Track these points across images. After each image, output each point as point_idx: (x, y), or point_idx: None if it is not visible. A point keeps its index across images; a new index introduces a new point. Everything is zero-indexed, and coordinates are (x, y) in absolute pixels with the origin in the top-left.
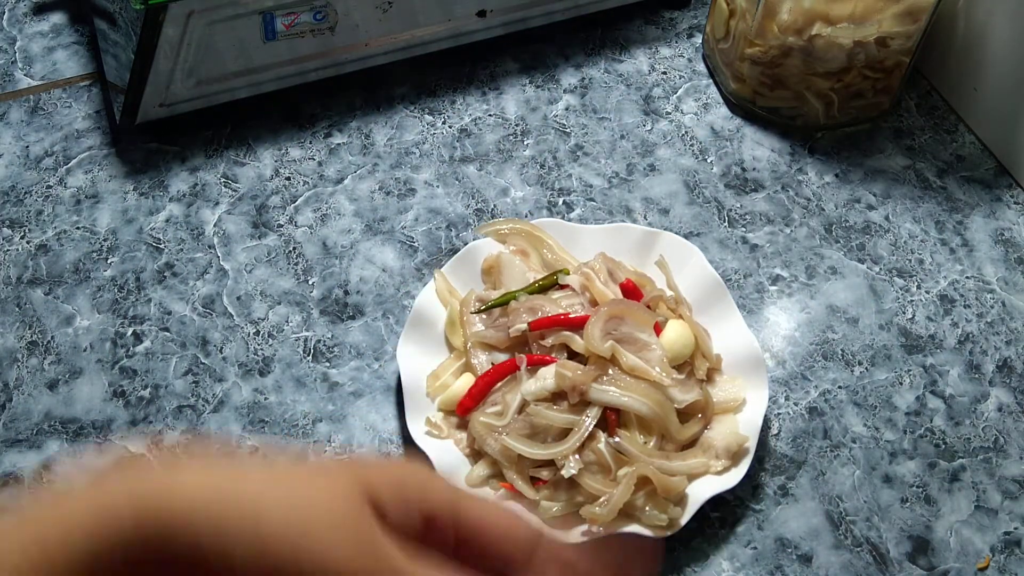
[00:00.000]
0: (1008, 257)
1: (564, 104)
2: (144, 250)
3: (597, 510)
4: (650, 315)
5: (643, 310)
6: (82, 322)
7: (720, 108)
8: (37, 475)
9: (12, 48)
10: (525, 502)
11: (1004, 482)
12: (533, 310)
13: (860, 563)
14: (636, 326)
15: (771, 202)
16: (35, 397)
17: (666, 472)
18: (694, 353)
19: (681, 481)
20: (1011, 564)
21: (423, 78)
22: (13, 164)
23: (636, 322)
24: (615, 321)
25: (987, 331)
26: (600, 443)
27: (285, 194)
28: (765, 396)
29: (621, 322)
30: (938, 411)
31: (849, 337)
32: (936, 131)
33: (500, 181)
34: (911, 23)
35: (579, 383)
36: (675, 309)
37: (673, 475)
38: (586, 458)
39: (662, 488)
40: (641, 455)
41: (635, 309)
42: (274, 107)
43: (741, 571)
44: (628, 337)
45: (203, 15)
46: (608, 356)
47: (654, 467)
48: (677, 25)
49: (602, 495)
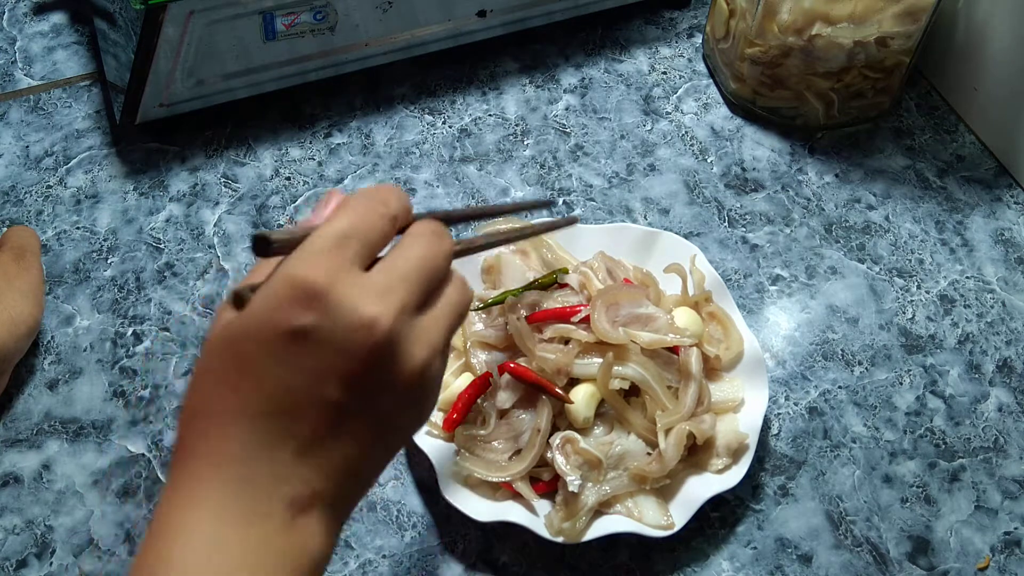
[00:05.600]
0: (1008, 257)
1: (564, 104)
2: (144, 250)
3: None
4: (638, 289)
5: (629, 287)
6: (82, 322)
7: (720, 108)
8: (37, 475)
9: (12, 48)
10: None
11: (1004, 482)
12: (532, 306)
13: (860, 563)
14: (633, 303)
15: (771, 202)
16: (35, 397)
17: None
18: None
19: (711, 427)
20: (1011, 564)
21: (423, 78)
22: (13, 164)
23: (631, 300)
24: (614, 308)
25: (987, 331)
26: (580, 443)
27: (285, 194)
28: (765, 396)
29: (619, 307)
30: (938, 411)
31: (849, 337)
32: (936, 131)
33: (500, 181)
34: (911, 23)
35: (562, 365)
36: (701, 305)
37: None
38: (574, 462)
39: (698, 432)
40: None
41: (623, 290)
42: (274, 107)
43: (741, 571)
44: (631, 317)
45: (203, 15)
46: (626, 342)
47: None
48: (677, 25)
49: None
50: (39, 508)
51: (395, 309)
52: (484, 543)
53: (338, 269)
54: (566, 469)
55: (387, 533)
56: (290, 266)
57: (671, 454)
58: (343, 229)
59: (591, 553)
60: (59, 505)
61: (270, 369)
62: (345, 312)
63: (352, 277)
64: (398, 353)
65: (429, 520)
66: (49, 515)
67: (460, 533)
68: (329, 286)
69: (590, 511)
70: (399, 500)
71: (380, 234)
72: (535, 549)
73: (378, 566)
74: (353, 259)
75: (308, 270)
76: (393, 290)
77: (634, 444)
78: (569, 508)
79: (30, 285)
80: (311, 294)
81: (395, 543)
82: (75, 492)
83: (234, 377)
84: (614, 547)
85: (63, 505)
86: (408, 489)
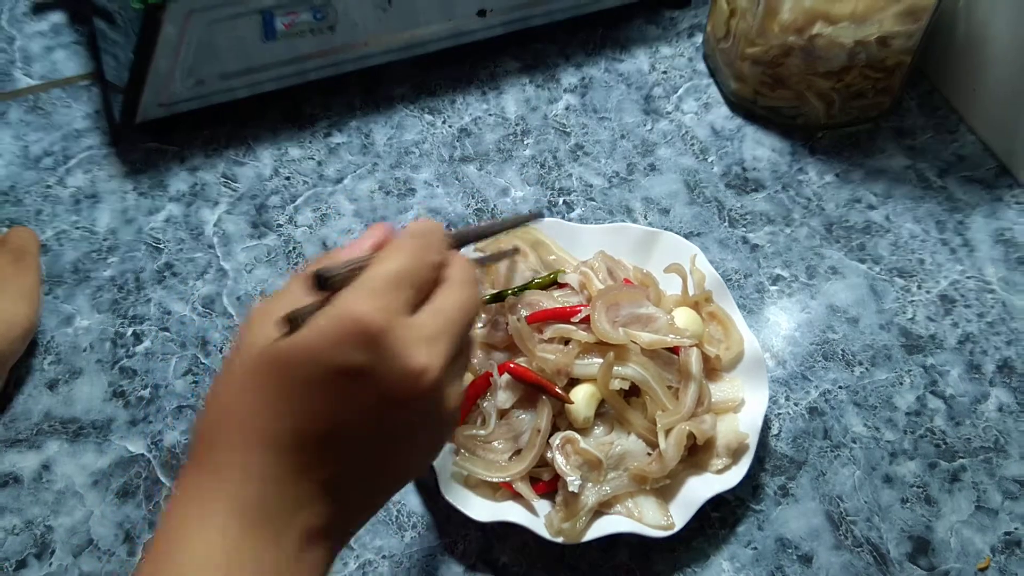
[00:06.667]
0: (1009, 257)
1: (564, 104)
2: (144, 250)
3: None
4: (638, 289)
5: (629, 288)
6: (82, 322)
7: (721, 108)
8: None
9: (11, 47)
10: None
11: (1004, 482)
12: (531, 305)
13: (860, 563)
14: (633, 304)
15: (772, 202)
16: (35, 397)
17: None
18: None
19: (711, 428)
20: (1012, 565)
21: (423, 78)
22: (12, 164)
23: (631, 300)
24: (614, 309)
25: (987, 331)
26: (580, 443)
27: (285, 194)
28: (765, 396)
29: (619, 307)
30: (938, 411)
31: (849, 337)
32: (937, 131)
33: (500, 181)
34: (912, 22)
35: (563, 365)
36: (701, 305)
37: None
38: (574, 462)
39: (698, 432)
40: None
41: (623, 290)
42: (274, 107)
43: (741, 571)
44: (631, 317)
45: (203, 14)
46: (626, 343)
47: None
48: (678, 24)
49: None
50: (39, 508)
51: (442, 360)
52: (484, 543)
53: (395, 312)
54: (566, 469)
55: (387, 533)
56: (350, 302)
57: (671, 454)
58: (398, 271)
59: (591, 553)
60: (59, 505)
61: (313, 401)
62: (398, 357)
63: (406, 321)
64: (438, 399)
65: (429, 520)
66: (49, 515)
67: (460, 533)
68: (387, 328)
69: (590, 511)
70: (399, 501)
71: (429, 280)
72: (535, 549)
73: (378, 566)
74: (406, 303)
75: (367, 310)
76: (440, 339)
77: (634, 444)
78: (569, 508)
79: (27, 287)
80: (368, 335)
81: (395, 543)
82: (75, 492)
83: (274, 401)
84: (614, 547)
85: (63, 505)
86: (408, 489)
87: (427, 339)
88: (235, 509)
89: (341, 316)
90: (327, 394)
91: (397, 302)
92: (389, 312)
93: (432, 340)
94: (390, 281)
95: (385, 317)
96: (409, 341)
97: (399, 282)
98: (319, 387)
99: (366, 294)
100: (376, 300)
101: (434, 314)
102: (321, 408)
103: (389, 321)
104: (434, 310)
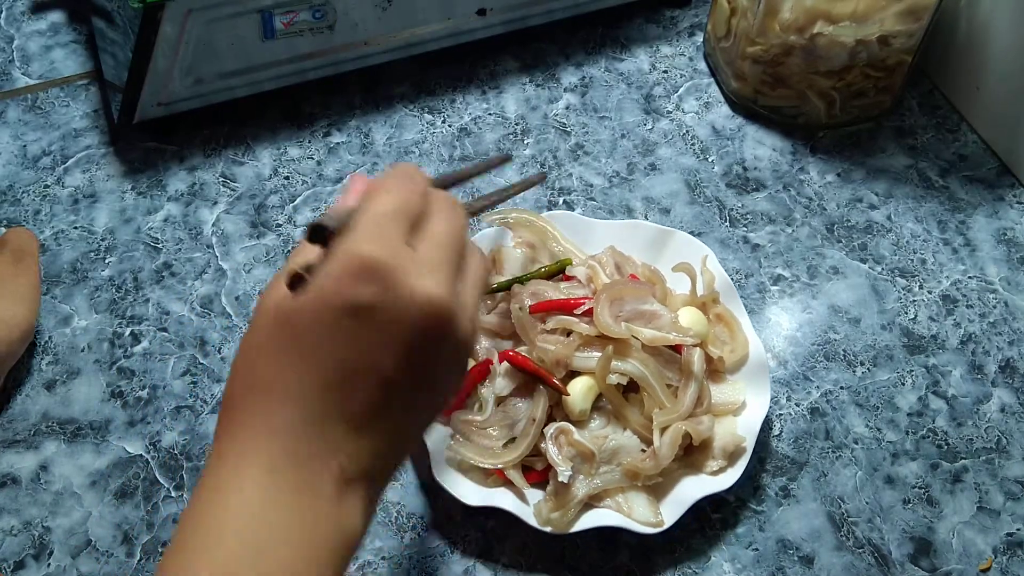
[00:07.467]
0: (1010, 257)
1: (564, 103)
2: (142, 250)
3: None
4: (644, 286)
5: (635, 283)
6: (80, 322)
7: (721, 107)
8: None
9: (10, 47)
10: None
11: (1007, 483)
12: (536, 295)
13: (862, 564)
14: (638, 300)
15: (772, 201)
16: (32, 398)
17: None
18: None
19: (708, 428)
20: (1013, 566)
21: (423, 77)
22: (11, 163)
23: (636, 296)
24: (618, 303)
25: (989, 331)
26: (574, 435)
27: (284, 193)
28: (767, 400)
29: (623, 302)
30: (940, 412)
31: (851, 337)
32: (938, 130)
33: (500, 181)
34: (913, 22)
35: (562, 356)
36: (708, 306)
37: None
38: (567, 454)
39: (694, 433)
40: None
41: (629, 286)
42: (273, 106)
43: (742, 572)
44: (635, 313)
45: (201, 13)
46: (627, 337)
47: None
48: (678, 24)
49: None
50: (37, 509)
51: (447, 285)
52: (484, 544)
53: (396, 245)
54: (558, 460)
55: (386, 534)
56: (351, 243)
57: (665, 452)
58: (393, 207)
59: (591, 553)
60: (57, 506)
61: (329, 344)
62: (406, 286)
63: (408, 252)
64: (451, 325)
65: (428, 521)
66: (47, 516)
67: (460, 534)
68: (391, 261)
69: (580, 503)
70: (398, 501)
71: (419, 213)
72: (535, 550)
73: (377, 567)
74: (403, 235)
75: (369, 247)
76: (441, 266)
77: (629, 440)
78: (559, 498)
79: (26, 289)
80: (373, 269)
81: (394, 544)
82: (73, 493)
83: (293, 357)
84: (614, 547)
85: (61, 506)
86: (408, 490)
87: (429, 267)
88: (265, 463)
89: (345, 258)
90: (343, 335)
91: (395, 236)
92: (390, 246)
93: (434, 268)
94: (386, 216)
95: (387, 251)
96: (412, 271)
97: (394, 216)
98: (334, 330)
99: (365, 233)
100: (375, 237)
101: (430, 243)
102: (338, 351)
103: (392, 254)
104: (429, 240)
